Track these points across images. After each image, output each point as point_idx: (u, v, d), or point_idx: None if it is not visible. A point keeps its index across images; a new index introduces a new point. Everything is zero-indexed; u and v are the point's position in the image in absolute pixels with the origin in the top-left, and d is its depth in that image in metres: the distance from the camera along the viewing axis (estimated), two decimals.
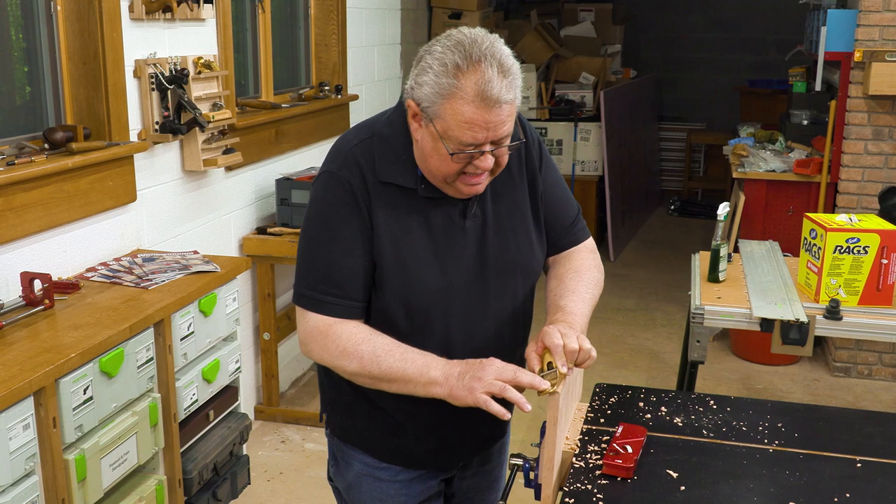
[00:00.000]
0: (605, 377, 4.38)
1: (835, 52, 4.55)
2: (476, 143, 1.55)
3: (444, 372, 1.57)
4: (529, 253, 1.77)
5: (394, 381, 1.61)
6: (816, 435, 1.86)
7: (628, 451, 1.72)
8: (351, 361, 1.62)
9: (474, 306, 1.71)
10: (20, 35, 2.79)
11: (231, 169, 3.66)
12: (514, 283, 1.75)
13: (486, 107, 1.51)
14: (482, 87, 1.50)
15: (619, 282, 6.23)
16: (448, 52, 1.53)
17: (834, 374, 4.69)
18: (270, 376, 3.99)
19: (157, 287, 2.67)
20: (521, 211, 1.77)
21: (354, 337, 1.63)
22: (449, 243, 1.68)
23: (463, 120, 1.52)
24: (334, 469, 1.94)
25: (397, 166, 1.65)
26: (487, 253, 1.71)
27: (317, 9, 4.61)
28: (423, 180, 1.66)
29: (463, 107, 1.51)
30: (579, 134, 6.81)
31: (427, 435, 1.80)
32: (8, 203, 2.46)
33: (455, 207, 1.69)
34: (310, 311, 1.66)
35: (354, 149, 1.67)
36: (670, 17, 9.06)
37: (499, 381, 1.54)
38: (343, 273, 1.64)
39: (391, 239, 1.65)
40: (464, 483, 1.98)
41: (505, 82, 1.52)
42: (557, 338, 1.58)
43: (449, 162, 1.57)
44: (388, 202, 1.65)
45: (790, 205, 4.87)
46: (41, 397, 2.07)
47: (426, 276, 1.66)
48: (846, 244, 2.71)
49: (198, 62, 3.23)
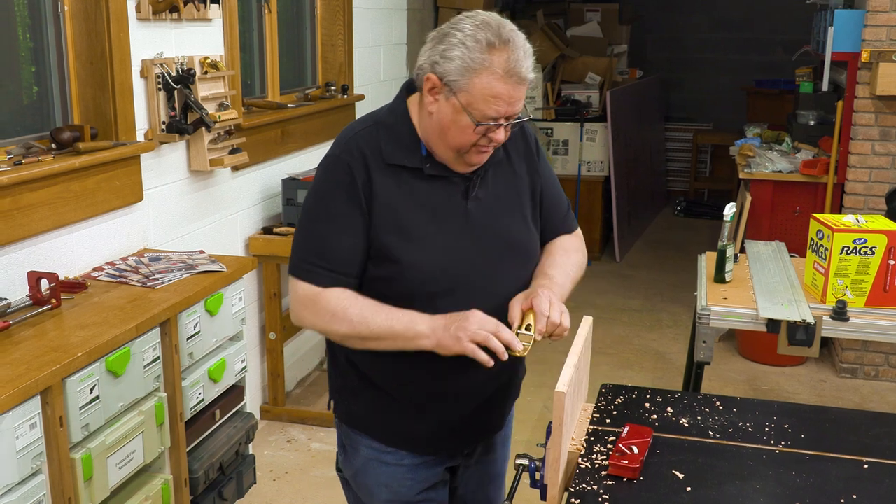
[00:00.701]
0: (611, 378, 4.37)
1: (842, 52, 4.54)
2: (497, 115, 1.65)
3: (429, 325, 1.67)
4: (527, 235, 1.86)
5: (382, 339, 1.70)
6: (823, 436, 1.86)
7: (634, 451, 1.71)
8: (341, 324, 1.71)
9: (476, 282, 1.77)
10: (27, 35, 2.79)
11: (237, 169, 3.67)
12: (513, 260, 1.83)
13: (513, 83, 1.63)
14: (512, 65, 1.62)
15: (624, 282, 6.22)
16: (478, 29, 1.64)
17: (840, 375, 4.68)
18: (276, 376, 3.99)
19: (163, 287, 2.67)
20: (519, 197, 1.86)
21: (342, 302, 1.71)
22: (452, 222, 1.76)
23: (491, 94, 1.63)
24: (343, 458, 2.01)
25: (402, 149, 1.75)
26: (488, 233, 1.79)
27: (323, 9, 4.61)
28: (427, 159, 1.75)
29: (493, 81, 1.62)
30: (585, 134, 6.80)
31: (431, 418, 1.84)
32: (15, 202, 2.47)
33: (458, 188, 1.77)
34: (301, 280, 1.75)
35: (358, 135, 1.77)
36: (677, 17, 9.05)
37: (483, 332, 1.63)
38: (335, 249, 1.73)
39: (396, 217, 1.72)
40: (467, 473, 2.02)
41: (528, 62, 1.65)
42: (546, 306, 1.69)
43: (469, 133, 1.67)
44: (395, 183, 1.73)
45: (797, 205, 4.85)
46: (48, 396, 2.08)
47: (431, 252, 1.73)
48: (853, 245, 2.70)
49: (204, 62, 3.24)
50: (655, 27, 9.03)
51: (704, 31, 9.03)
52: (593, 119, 6.85)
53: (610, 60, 7.31)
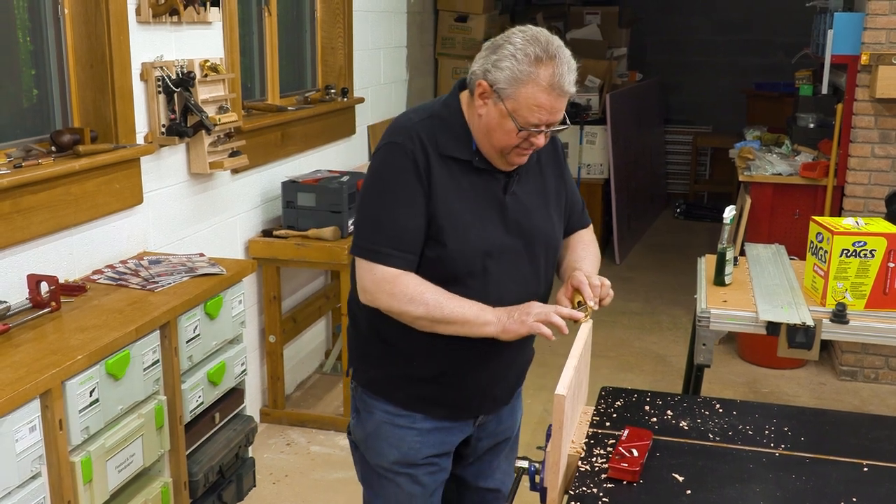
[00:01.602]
0: (611, 380, 4.37)
1: (841, 55, 4.54)
2: (539, 123, 1.81)
3: (495, 314, 1.84)
4: (552, 231, 2.03)
5: (453, 323, 1.84)
6: (823, 439, 1.86)
7: (634, 454, 1.71)
8: (418, 307, 1.84)
9: (509, 269, 1.93)
10: (27, 38, 2.79)
11: (237, 171, 3.67)
12: (540, 252, 1.99)
13: (555, 95, 1.79)
14: (556, 79, 1.78)
15: (624, 285, 6.22)
16: (528, 44, 1.79)
17: (840, 377, 4.68)
18: (276, 379, 3.99)
19: (163, 289, 2.67)
20: (546, 196, 2.03)
21: (419, 287, 1.85)
22: (491, 212, 1.92)
23: (535, 103, 1.79)
24: (355, 421, 2.11)
25: (456, 142, 1.89)
26: (521, 225, 1.95)
27: (323, 12, 4.62)
28: (477, 153, 1.90)
29: (537, 92, 1.78)
30: (585, 137, 6.80)
31: (448, 382, 1.98)
32: (15, 205, 2.47)
33: (499, 183, 1.93)
34: (377, 263, 1.87)
35: (417, 125, 1.90)
36: (676, 19, 9.05)
37: (544, 312, 1.81)
38: (404, 230, 1.86)
39: (447, 202, 1.87)
40: (480, 444, 2.15)
41: (571, 77, 1.81)
42: (583, 277, 1.91)
43: (512, 136, 1.83)
44: (447, 171, 1.88)
45: (796, 208, 4.85)
46: (48, 399, 2.08)
47: (474, 235, 1.88)
48: (853, 248, 2.70)
49: (204, 65, 3.24)
50: (655, 30, 9.03)
51: (704, 34, 9.03)
52: (593, 122, 6.85)
53: (609, 63, 7.32)
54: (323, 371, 4.60)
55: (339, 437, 3.89)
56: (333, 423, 3.97)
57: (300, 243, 3.74)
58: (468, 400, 2.03)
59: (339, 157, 4.67)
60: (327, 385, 4.44)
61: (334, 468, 3.65)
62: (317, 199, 3.79)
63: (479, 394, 2.03)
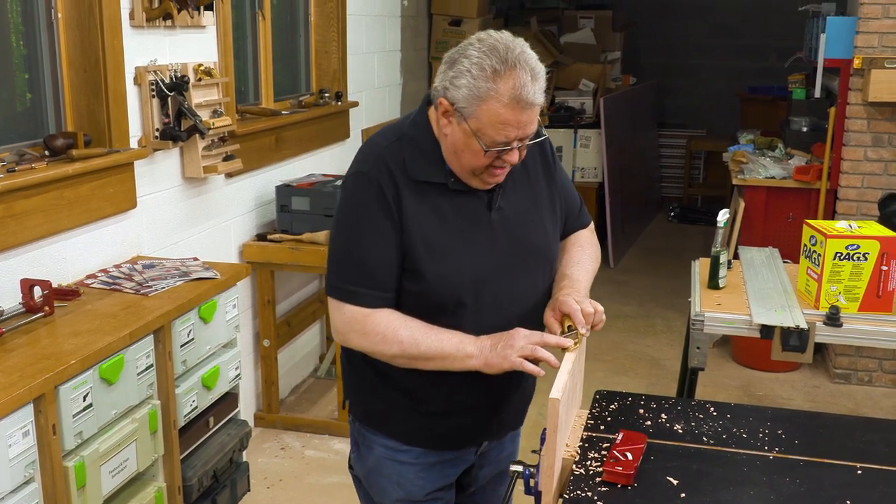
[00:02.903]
0: (605, 384, 4.37)
1: (834, 58, 4.55)
2: (507, 140, 1.68)
3: (477, 346, 1.73)
4: (546, 241, 1.91)
5: (432, 359, 1.74)
6: (817, 442, 1.86)
7: (628, 458, 1.72)
8: (391, 346, 1.74)
9: (501, 292, 1.82)
10: (21, 42, 2.79)
11: (231, 175, 3.67)
12: (536, 269, 1.88)
13: (520, 108, 1.65)
14: (517, 92, 1.64)
15: (619, 288, 6.22)
16: (485, 56, 1.66)
17: (834, 380, 4.68)
18: (270, 383, 3.99)
19: (157, 294, 2.67)
20: (538, 205, 1.91)
21: (392, 324, 1.75)
22: (477, 234, 1.80)
23: (498, 121, 1.66)
24: (355, 456, 2.02)
25: (427, 165, 1.78)
26: (511, 242, 1.83)
27: (317, 16, 4.62)
28: (451, 174, 1.78)
29: (499, 109, 1.65)
30: (579, 141, 6.81)
31: (448, 415, 1.88)
32: (8, 210, 2.46)
33: (481, 201, 1.81)
34: (346, 302, 1.77)
35: (384, 151, 1.80)
36: (670, 23, 9.07)
37: (529, 345, 1.69)
38: (373, 265, 1.76)
39: (423, 231, 1.76)
40: (482, 472, 2.07)
41: (536, 86, 1.66)
42: (574, 304, 1.75)
43: (481, 157, 1.70)
44: (420, 198, 1.77)
45: (790, 211, 4.86)
46: (41, 404, 2.07)
47: (458, 264, 1.77)
48: (846, 251, 2.71)
49: (198, 69, 3.23)
50: (649, 34, 9.06)
51: (698, 38, 9.06)
52: (587, 125, 6.86)
53: (603, 67, 7.33)
54: (317, 375, 4.60)
55: (334, 442, 3.88)
56: (328, 427, 3.97)
57: (294, 247, 3.74)
58: (472, 430, 1.95)
59: (333, 160, 4.67)
60: (322, 389, 4.44)
61: (329, 472, 3.64)
62: (311, 203, 3.79)
63: (484, 421, 1.95)
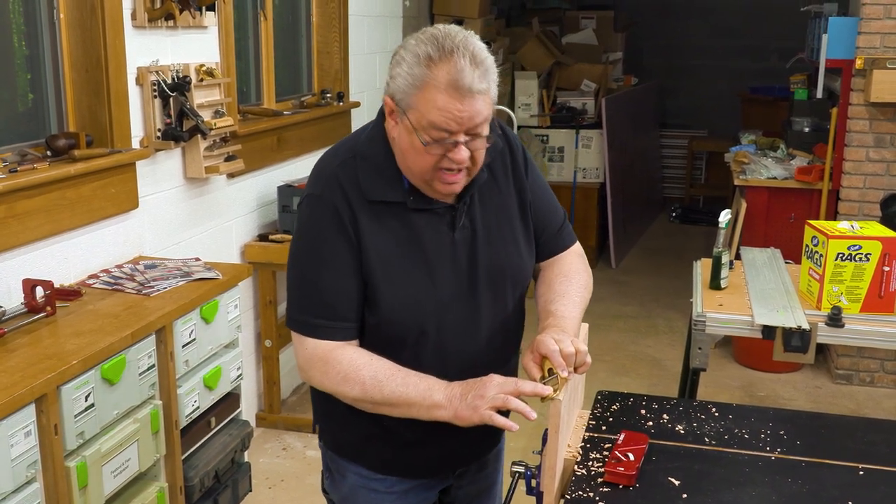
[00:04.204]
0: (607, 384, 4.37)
1: (836, 59, 4.55)
2: (449, 130, 1.54)
3: (446, 395, 1.57)
4: (519, 261, 1.77)
5: (396, 406, 1.60)
6: (819, 442, 1.86)
7: (630, 458, 1.71)
8: (353, 387, 1.61)
9: (467, 317, 1.70)
10: (23, 42, 2.79)
11: (233, 176, 3.67)
12: (505, 291, 1.75)
13: (459, 95, 1.52)
14: (454, 76, 1.51)
15: (620, 289, 6.22)
16: (421, 44, 1.54)
17: (836, 381, 4.68)
18: (272, 383, 3.99)
19: (158, 294, 2.67)
20: (509, 219, 1.76)
21: (355, 363, 1.62)
22: (440, 257, 1.67)
23: (436, 107, 1.52)
24: (329, 481, 1.94)
25: (383, 183, 1.65)
26: (478, 263, 1.70)
27: (319, 16, 4.62)
28: (411, 192, 1.65)
29: (436, 95, 1.52)
30: (581, 141, 6.81)
31: (422, 444, 1.77)
32: (10, 210, 2.46)
33: (443, 219, 1.68)
34: (306, 336, 1.65)
35: (336, 170, 1.67)
36: (672, 24, 9.07)
37: (501, 395, 1.54)
38: (334, 295, 1.63)
39: (381, 256, 1.63)
40: (461, 492, 1.97)
41: (478, 73, 1.52)
42: (552, 344, 1.57)
43: (424, 155, 1.56)
44: (377, 220, 1.64)
45: (792, 212, 4.86)
46: (43, 404, 2.07)
47: (419, 291, 1.65)
48: (848, 251, 2.71)
49: (200, 69, 3.24)
50: (650, 34, 9.05)
51: (699, 38, 9.05)
52: (589, 126, 6.86)
53: (605, 67, 7.33)
54: None
55: None
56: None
57: None
58: (447, 457, 1.83)
59: None
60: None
61: None
62: None
63: (459, 448, 1.81)
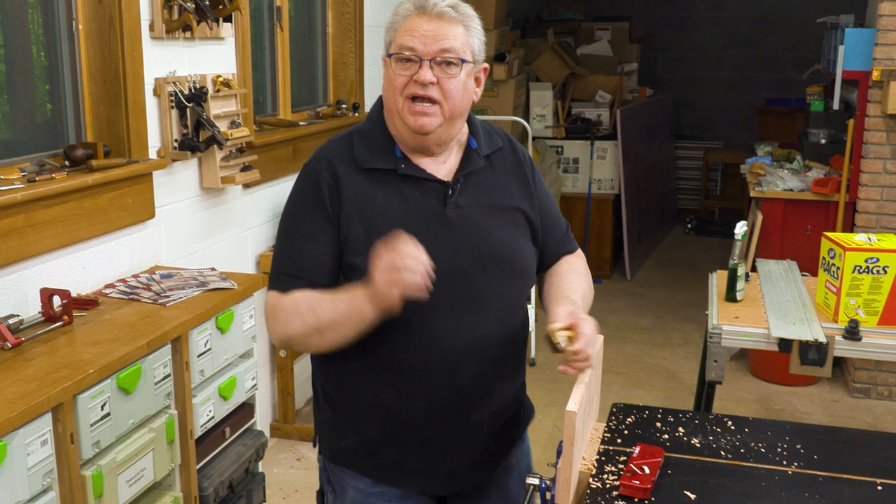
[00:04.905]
0: (622, 397, 4.36)
1: (852, 70, 4.54)
2: (412, 47, 1.67)
3: (365, 286, 1.58)
4: (517, 251, 1.80)
5: (336, 325, 1.62)
6: (836, 457, 1.84)
7: (645, 471, 1.71)
8: (296, 322, 1.66)
9: (459, 299, 1.72)
10: (42, 53, 2.82)
11: (249, 186, 3.68)
12: (502, 277, 1.77)
13: (425, 16, 1.68)
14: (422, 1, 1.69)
15: (635, 300, 6.20)
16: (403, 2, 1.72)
17: (853, 395, 4.65)
18: (286, 393, 3.99)
19: (174, 304, 2.68)
20: (512, 210, 1.82)
21: (295, 300, 1.67)
22: (429, 230, 1.70)
23: (404, 29, 1.69)
24: (332, 497, 1.94)
25: (375, 152, 1.75)
26: (471, 244, 1.74)
27: (334, 27, 4.64)
28: (402, 160, 1.75)
29: (404, 21, 1.69)
30: (596, 152, 6.81)
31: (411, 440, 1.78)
32: (28, 220, 2.48)
33: (435, 194, 1.74)
34: (271, 289, 1.73)
35: (330, 144, 1.80)
36: (687, 35, 9.06)
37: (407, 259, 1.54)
38: (304, 258, 1.71)
39: (367, 221, 1.70)
40: None
41: (448, 1, 1.69)
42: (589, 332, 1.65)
43: (395, 80, 1.68)
44: (367, 189, 1.72)
45: (808, 224, 4.84)
46: (59, 413, 2.08)
47: None
48: (865, 264, 2.69)
49: (217, 80, 3.26)
50: (666, 45, 9.05)
51: (715, 50, 9.04)
52: (604, 137, 6.86)
53: (620, 79, 7.33)
54: None
55: None
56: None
57: None
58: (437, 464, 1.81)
59: None
60: None
61: None
62: None
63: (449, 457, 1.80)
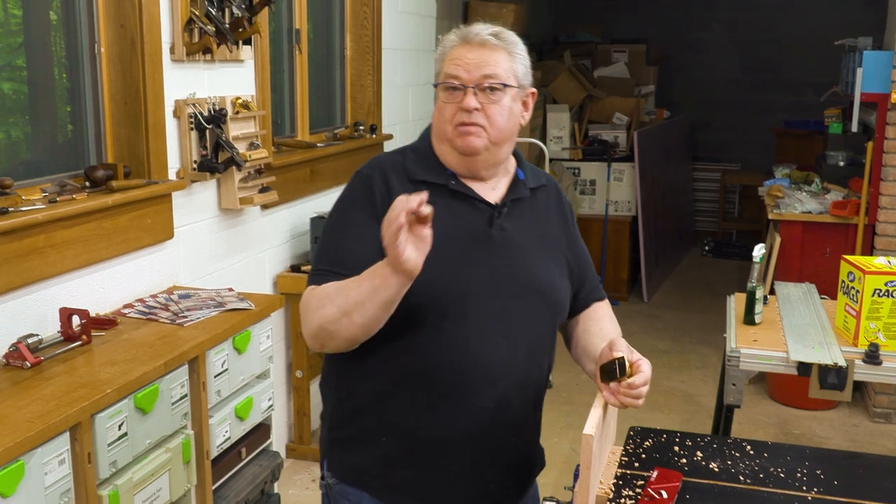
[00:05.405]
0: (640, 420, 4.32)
1: (871, 93, 4.52)
2: (457, 76, 1.75)
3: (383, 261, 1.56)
4: (554, 284, 1.83)
5: (364, 303, 1.59)
6: (857, 482, 1.82)
7: (663, 496, 1.69)
8: (326, 306, 1.64)
9: (493, 319, 1.73)
10: (64, 75, 2.85)
11: (267, 207, 3.70)
12: (536, 306, 1.79)
13: (468, 45, 1.76)
14: (465, 31, 1.77)
15: (652, 323, 6.18)
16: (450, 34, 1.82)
17: (874, 419, 4.60)
18: (302, 414, 3.99)
19: (192, 324, 2.69)
20: (552, 245, 1.87)
21: (325, 288, 1.67)
22: (473, 249, 1.74)
23: (450, 59, 1.78)
24: None
25: (427, 168, 1.81)
26: (512, 269, 1.76)
27: (353, 50, 4.67)
28: (453, 177, 1.79)
29: (450, 52, 1.79)
30: (613, 174, 6.80)
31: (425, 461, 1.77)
32: (49, 240, 2.50)
33: (483, 214, 1.78)
34: (311, 285, 1.72)
35: (384, 156, 1.87)
36: (704, 57, 9.06)
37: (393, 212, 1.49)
38: (347, 254, 1.72)
39: None
40: None
41: (491, 31, 1.76)
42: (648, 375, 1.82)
43: (443, 109, 1.78)
44: None
45: (827, 247, 4.81)
46: (77, 432, 2.09)
47: (447, 271, 1.69)
48: (885, 287, 2.67)
49: (236, 102, 3.28)
50: (682, 67, 9.05)
51: (732, 72, 9.03)
52: (621, 159, 6.86)
53: (637, 101, 7.34)
54: None
55: None
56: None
57: None
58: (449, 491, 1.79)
59: None
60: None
61: None
62: None
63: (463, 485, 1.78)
